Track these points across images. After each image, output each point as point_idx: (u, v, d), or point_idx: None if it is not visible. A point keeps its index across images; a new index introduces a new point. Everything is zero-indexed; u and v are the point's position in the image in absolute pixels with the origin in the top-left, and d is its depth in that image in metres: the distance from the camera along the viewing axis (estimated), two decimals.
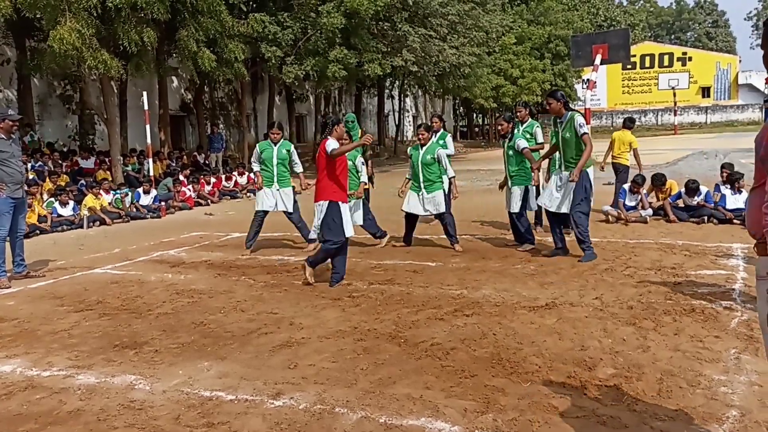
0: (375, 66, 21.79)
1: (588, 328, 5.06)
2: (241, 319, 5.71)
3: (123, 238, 11.06)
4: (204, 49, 17.51)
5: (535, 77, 41.18)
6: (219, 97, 27.84)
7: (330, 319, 5.58)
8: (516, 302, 5.87)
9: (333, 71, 20.72)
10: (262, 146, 8.98)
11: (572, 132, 7.59)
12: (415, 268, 7.54)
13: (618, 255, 7.81)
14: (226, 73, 19.16)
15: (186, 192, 15.54)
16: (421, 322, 5.39)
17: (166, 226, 12.51)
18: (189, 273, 7.80)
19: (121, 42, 15.22)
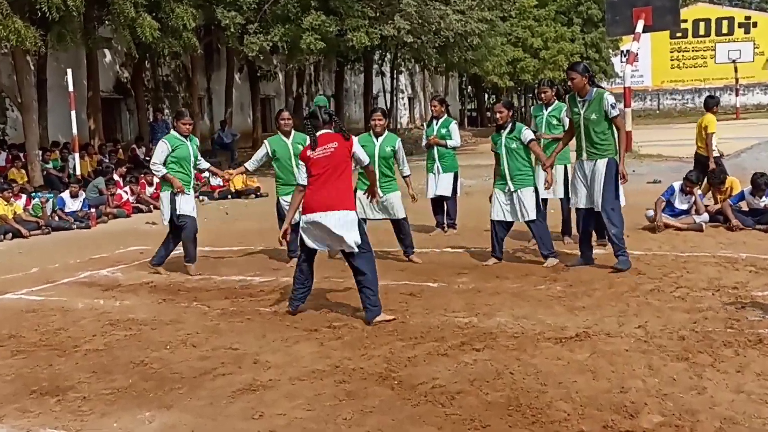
0: (360, 35, 21.84)
1: (629, 364, 5.08)
2: (192, 356, 5.69)
3: (42, 254, 11.01)
4: (144, 14, 17.52)
5: (562, 48, 41.37)
6: (164, 75, 27.84)
7: (304, 356, 5.56)
8: (539, 332, 5.88)
9: (308, 42, 20.75)
10: (274, 142, 9.00)
11: (600, 114, 7.77)
12: (411, 290, 7.54)
13: (666, 272, 7.84)
14: (173, 44, 19.16)
15: (122, 195, 15.51)
16: (420, 358, 5.38)
17: (97, 238, 12.46)
18: (126, 298, 7.77)
19: (39, 6, 15.19)
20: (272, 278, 8.45)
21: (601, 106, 7.77)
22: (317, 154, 6.36)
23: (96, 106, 21.34)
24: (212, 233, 12.11)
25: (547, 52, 41.25)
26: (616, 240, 7.89)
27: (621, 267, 7.84)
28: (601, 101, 7.77)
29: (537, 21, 42.09)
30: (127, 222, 14.54)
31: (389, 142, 8.86)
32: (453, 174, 10.70)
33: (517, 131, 8.45)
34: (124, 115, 26.15)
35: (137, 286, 8.36)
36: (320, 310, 6.87)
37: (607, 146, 7.87)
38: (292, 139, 8.98)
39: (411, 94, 48.98)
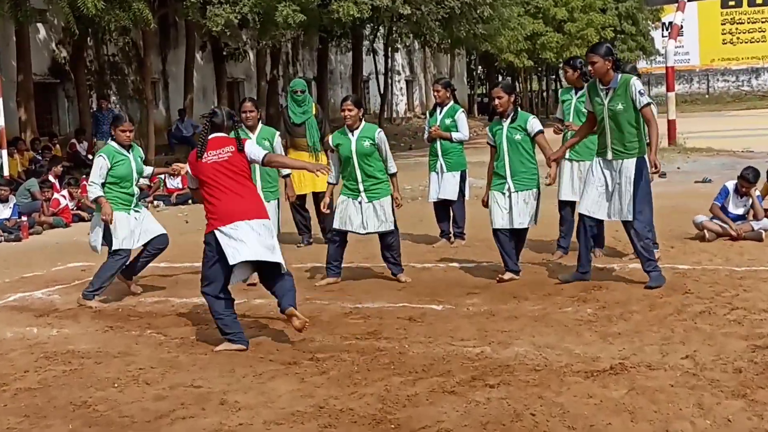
0: (348, 5, 21.89)
1: (675, 402, 5.07)
2: (146, 396, 5.67)
3: None
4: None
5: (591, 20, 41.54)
6: (110, 54, 27.82)
7: (282, 395, 5.55)
8: (565, 365, 5.87)
9: (284, 14, 20.76)
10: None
11: (627, 104, 7.79)
12: (411, 313, 7.54)
13: (719, 290, 7.85)
14: (121, 17, 19.15)
15: (60, 200, 15.49)
16: (422, 397, 5.38)
17: (29, 253, 12.44)
18: (65, 326, 7.74)
19: None
20: (242, 300, 8.41)
21: (627, 94, 7.79)
22: (210, 159, 6.70)
23: (27, 92, 21.28)
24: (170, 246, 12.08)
25: (573, 24, 41.40)
26: (646, 253, 7.95)
27: (653, 284, 7.87)
28: (628, 88, 7.79)
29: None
30: (66, 233, 14.52)
31: (366, 134, 8.81)
32: (460, 173, 10.72)
33: (521, 120, 8.49)
34: (62, 103, 26.10)
35: (78, 311, 8.33)
36: (300, 339, 6.86)
37: (637, 143, 7.90)
38: (257, 135, 9.02)
39: (409, 77, 49.05)
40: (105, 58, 27.64)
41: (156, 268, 10.38)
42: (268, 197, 8.98)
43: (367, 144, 8.75)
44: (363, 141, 8.76)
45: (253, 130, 9.10)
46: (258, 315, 7.80)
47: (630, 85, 7.77)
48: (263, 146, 8.68)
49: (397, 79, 45.95)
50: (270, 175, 9.30)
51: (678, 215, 11.36)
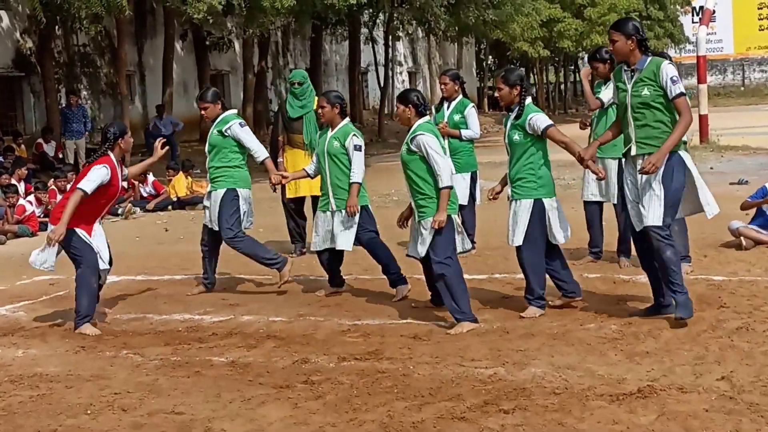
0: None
1: (710, 429, 5.06)
2: (122, 423, 5.66)
3: None
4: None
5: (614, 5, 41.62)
6: (80, 45, 27.89)
7: (273, 422, 5.55)
8: (588, 388, 5.86)
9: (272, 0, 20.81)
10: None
11: (655, 90, 7.25)
12: (416, 331, 7.54)
13: (758, 304, 7.85)
14: (92, 4, 19.20)
15: (26, 207, 15.50)
16: (429, 423, 5.37)
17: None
18: (31, 346, 7.74)
19: None
20: (228, 317, 8.44)
21: (657, 80, 7.23)
22: None
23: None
24: (147, 257, 12.12)
25: (593, 9, 41.47)
26: (670, 273, 7.26)
27: (681, 315, 7.22)
28: (658, 73, 7.22)
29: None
30: (33, 242, 14.47)
31: (340, 135, 8.95)
32: (470, 175, 10.71)
33: (523, 118, 7.73)
34: (28, 99, 26.17)
35: (46, 329, 8.33)
36: (294, 359, 6.86)
37: (666, 137, 7.24)
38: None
39: (412, 68, 49.16)
40: (75, 49, 27.71)
41: (132, 281, 10.41)
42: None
43: (336, 144, 8.93)
44: (334, 141, 8.93)
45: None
46: (247, 332, 7.80)
47: (661, 69, 7.20)
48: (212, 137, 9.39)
49: (399, 70, 46.02)
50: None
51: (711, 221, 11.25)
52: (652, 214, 7.25)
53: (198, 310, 8.84)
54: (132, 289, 10.01)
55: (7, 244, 14.44)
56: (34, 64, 25.66)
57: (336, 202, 8.86)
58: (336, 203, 8.86)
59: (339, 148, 8.86)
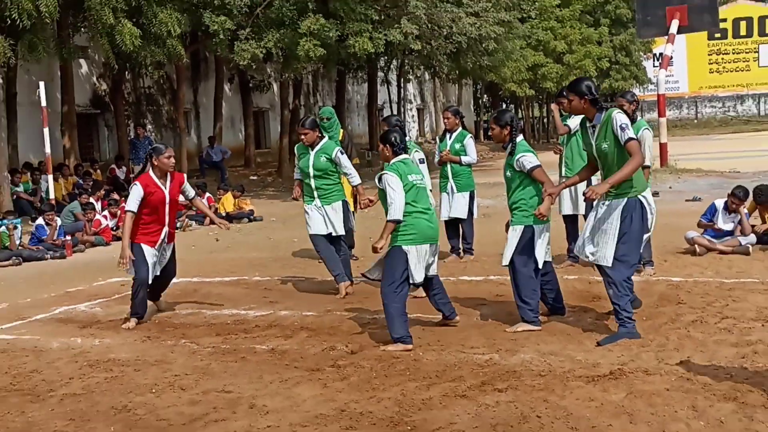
0: (363, 41, 21.96)
1: (670, 405, 5.06)
2: (181, 400, 5.69)
3: (13, 287, 11.03)
4: (124, 20, 17.67)
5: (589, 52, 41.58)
6: (146, 87, 28.03)
7: (306, 399, 5.56)
8: (568, 370, 5.86)
9: (305, 49, 20.86)
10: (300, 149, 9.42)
11: (611, 140, 6.65)
12: (424, 323, 7.54)
13: (710, 301, 7.83)
14: (156, 53, 19.30)
15: (101, 221, 15.56)
16: (435, 400, 5.38)
17: (73, 269, 12.49)
18: (106, 336, 7.77)
19: (9, 13, 15.33)
20: (269, 312, 8.45)
21: (610, 131, 6.63)
22: None
23: (71, 122, 21.45)
24: (201, 262, 12.15)
25: (571, 56, 41.42)
26: (619, 304, 6.66)
27: (609, 341, 6.55)
28: (609, 124, 6.62)
29: (560, 22, 42.27)
30: (107, 250, 14.55)
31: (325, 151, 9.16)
32: (469, 194, 10.71)
33: (513, 157, 7.31)
34: (102, 132, 26.28)
35: (118, 322, 8.36)
36: (323, 347, 6.87)
37: (627, 183, 6.62)
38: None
39: (420, 105, 49.16)
40: (141, 91, 27.84)
41: (189, 282, 10.43)
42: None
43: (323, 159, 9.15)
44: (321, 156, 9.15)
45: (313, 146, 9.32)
46: (284, 325, 7.80)
47: (612, 119, 6.59)
48: (320, 161, 9.20)
49: (409, 107, 46.02)
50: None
51: (670, 231, 11.31)
52: (602, 253, 6.69)
53: (244, 306, 8.84)
54: (189, 289, 10.02)
55: (86, 252, 14.49)
56: (107, 103, 25.78)
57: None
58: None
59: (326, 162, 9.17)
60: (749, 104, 62.99)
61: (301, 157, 9.33)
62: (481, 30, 25.26)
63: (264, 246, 11.65)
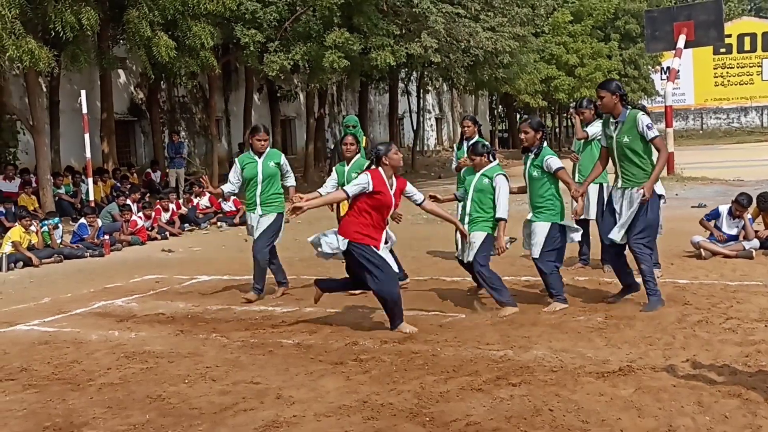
0: (385, 54, 22.01)
1: (677, 401, 5.03)
2: (212, 390, 5.71)
3: (54, 283, 11.12)
4: (160, 33, 17.78)
5: (599, 65, 41.37)
6: (180, 96, 28.17)
7: (330, 391, 5.57)
8: (579, 366, 5.84)
9: (330, 61, 20.93)
10: (244, 160, 9.09)
11: (635, 136, 7.40)
12: (442, 321, 7.54)
13: (715, 302, 7.78)
14: (190, 64, 19.40)
15: (137, 221, 15.64)
16: (452, 393, 5.37)
17: (110, 267, 12.57)
18: (142, 330, 7.81)
19: (53, 25, 15.47)
20: (295, 308, 8.47)
21: (634, 128, 7.39)
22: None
23: (110, 128, 21.60)
24: (231, 261, 12.20)
25: (583, 69, 41.26)
26: (646, 276, 7.52)
27: (650, 309, 7.43)
28: (635, 123, 7.39)
29: (572, 37, 42.15)
30: (142, 250, 14.65)
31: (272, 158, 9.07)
32: None
33: (540, 158, 7.78)
34: (139, 138, 26.43)
35: (153, 316, 8.41)
36: (346, 342, 6.88)
37: (644, 173, 7.46)
38: (263, 159, 9.04)
39: (438, 114, 49.11)
40: (176, 99, 27.99)
41: (220, 280, 10.47)
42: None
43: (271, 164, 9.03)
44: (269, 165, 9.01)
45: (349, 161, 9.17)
46: (309, 320, 7.81)
47: (638, 119, 7.36)
48: (267, 168, 9.00)
49: (428, 116, 45.99)
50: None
51: (677, 236, 11.24)
52: (633, 233, 7.48)
53: (271, 302, 8.87)
54: (220, 286, 10.06)
55: (123, 250, 14.58)
56: (144, 110, 25.94)
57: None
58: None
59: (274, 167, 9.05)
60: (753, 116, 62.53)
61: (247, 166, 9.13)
62: (497, 44, 25.26)
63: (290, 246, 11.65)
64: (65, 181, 18.97)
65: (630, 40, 44.60)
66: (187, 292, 9.84)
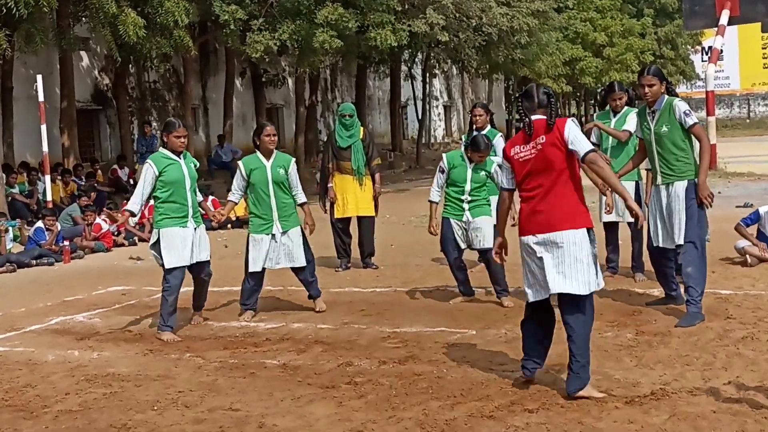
0: (386, 33, 21.98)
1: (717, 429, 5.02)
2: (185, 419, 5.70)
3: (5, 296, 11.11)
4: (128, 10, 17.79)
5: (630, 45, 41.38)
6: (151, 81, 28.18)
7: (320, 419, 5.56)
8: (605, 390, 5.82)
9: (322, 40, 20.91)
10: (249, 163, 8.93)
11: (673, 125, 7.64)
12: (448, 338, 7.53)
13: (761, 315, 7.76)
14: (162, 45, 19.40)
15: (101, 225, 15.64)
16: (460, 421, 5.36)
17: (70, 277, 12.57)
18: (105, 349, 7.80)
19: (5, 2, 15.47)
20: (280, 324, 8.46)
21: (672, 116, 7.66)
22: (524, 153, 5.83)
23: (71, 118, 21.59)
24: None
25: (612, 49, 41.25)
26: (693, 283, 7.59)
27: (684, 324, 7.45)
28: (671, 110, 7.66)
29: (600, 12, 42.11)
30: (107, 257, 14.66)
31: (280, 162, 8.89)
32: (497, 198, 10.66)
33: None
34: (104, 130, 26.42)
35: (119, 334, 8.40)
36: (339, 362, 6.87)
37: (686, 165, 7.70)
38: (272, 162, 8.88)
39: (447, 102, 49.14)
40: (146, 85, 27.98)
41: None
42: (287, 226, 8.87)
43: (281, 171, 8.85)
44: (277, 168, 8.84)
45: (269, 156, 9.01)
46: (297, 338, 7.82)
47: (674, 106, 7.63)
48: (276, 174, 8.80)
49: (435, 104, 46.02)
50: (286, 203, 8.94)
51: (719, 240, 11.21)
52: (678, 234, 7.69)
53: (253, 318, 8.86)
54: None
55: (85, 258, 14.59)
56: (110, 98, 25.93)
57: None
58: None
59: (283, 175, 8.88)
60: None
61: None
62: (513, 21, 25.23)
63: None
64: (20, 179, 18.96)
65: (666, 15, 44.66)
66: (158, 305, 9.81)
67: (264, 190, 8.80)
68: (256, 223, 8.89)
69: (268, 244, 8.81)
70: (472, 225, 8.88)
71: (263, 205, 8.83)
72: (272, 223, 8.80)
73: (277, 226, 8.80)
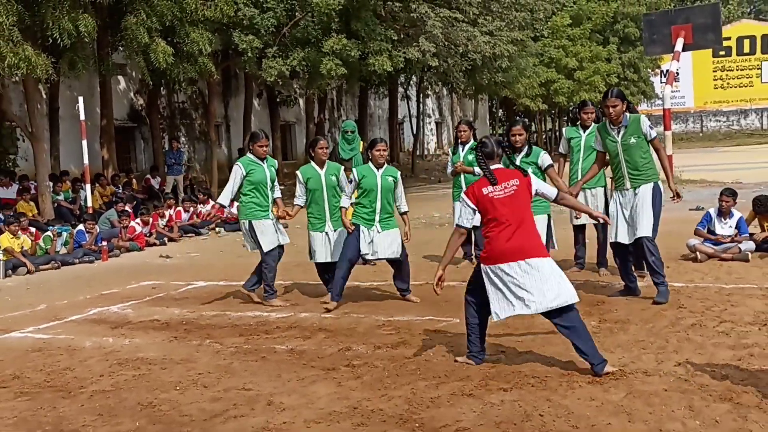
0: (383, 59, 21.99)
1: (668, 405, 5.01)
2: (203, 397, 5.69)
3: (50, 290, 11.11)
4: (158, 39, 17.79)
5: (598, 69, 41.34)
6: (180, 102, 28.19)
7: (321, 397, 5.55)
8: (571, 371, 5.82)
9: (328, 67, 20.94)
10: (307, 172, 9.07)
11: (640, 137, 7.95)
12: (436, 326, 7.52)
13: (709, 305, 7.75)
14: (188, 70, 19.41)
15: (135, 227, 15.64)
16: (443, 399, 5.36)
17: (107, 273, 12.57)
18: (135, 336, 7.81)
19: (51, 33, 15.48)
20: (289, 314, 8.45)
21: (639, 130, 7.97)
22: (497, 193, 5.96)
23: (109, 135, 21.59)
24: (229, 267, 12.19)
25: (582, 72, 41.22)
26: (657, 268, 7.90)
27: (661, 300, 7.84)
28: (639, 124, 7.97)
29: (571, 40, 42.08)
30: (140, 256, 14.65)
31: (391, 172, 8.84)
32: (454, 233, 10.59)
33: (534, 155, 8.55)
34: (138, 144, 26.45)
35: (148, 323, 8.40)
36: (339, 347, 6.86)
37: (651, 170, 8.03)
38: (325, 170, 9.03)
39: (438, 119, 49.14)
40: (175, 105, 28.00)
41: (216, 286, 10.46)
42: (338, 225, 8.93)
43: (332, 178, 8.98)
44: (329, 175, 8.98)
45: (322, 165, 9.07)
46: (303, 326, 7.80)
47: (641, 121, 7.97)
48: (329, 180, 8.95)
49: (428, 121, 46.03)
50: (336, 205, 8.96)
51: (673, 239, 11.22)
52: (642, 228, 7.88)
53: (266, 308, 8.84)
54: (216, 292, 10.05)
55: (121, 257, 14.59)
56: (144, 117, 25.95)
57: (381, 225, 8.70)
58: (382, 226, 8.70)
59: (335, 181, 9.05)
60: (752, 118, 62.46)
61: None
62: (495, 48, 25.19)
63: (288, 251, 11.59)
64: (64, 187, 18.96)
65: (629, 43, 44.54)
66: (183, 298, 9.83)
67: (319, 195, 8.98)
68: (313, 222, 9.08)
69: (322, 240, 9.00)
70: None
71: (318, 207, 9.02)
72: (325, 222, 8.98)
73: (329, 225, 8.97)
